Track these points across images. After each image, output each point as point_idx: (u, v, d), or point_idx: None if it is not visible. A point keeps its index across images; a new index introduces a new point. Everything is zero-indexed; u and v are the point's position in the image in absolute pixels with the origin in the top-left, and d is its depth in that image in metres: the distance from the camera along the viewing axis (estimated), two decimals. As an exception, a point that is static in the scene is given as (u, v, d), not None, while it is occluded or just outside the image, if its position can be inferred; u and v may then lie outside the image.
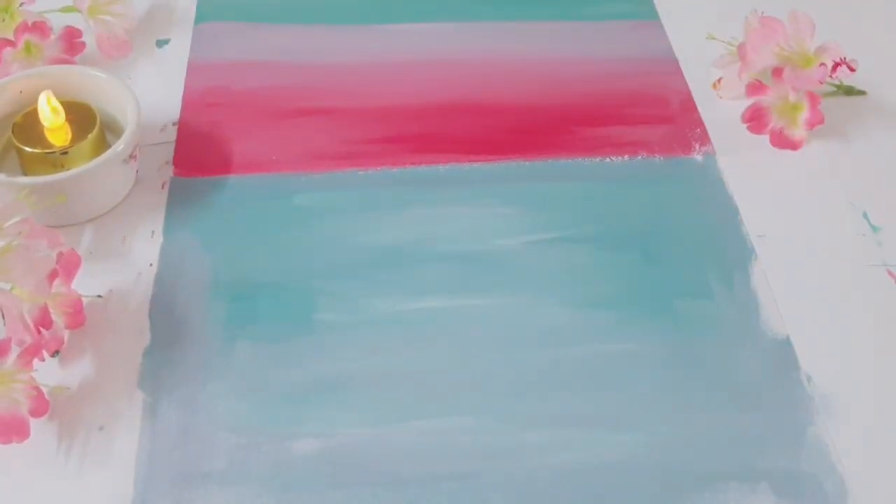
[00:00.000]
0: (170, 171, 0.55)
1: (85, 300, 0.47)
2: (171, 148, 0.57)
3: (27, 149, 0.52)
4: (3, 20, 0.60)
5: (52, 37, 0.59)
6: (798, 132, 0.58)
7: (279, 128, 0.58)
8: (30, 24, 0.58)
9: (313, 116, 0.59)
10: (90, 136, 0.52)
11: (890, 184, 0.56)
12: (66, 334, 0.47)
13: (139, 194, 0.54)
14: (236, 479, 0.42)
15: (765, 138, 0.58)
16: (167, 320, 0.48)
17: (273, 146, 0.57)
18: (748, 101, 0.59)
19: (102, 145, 0.53)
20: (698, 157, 0.57)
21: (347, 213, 0.53)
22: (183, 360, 0.46)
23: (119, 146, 0.51)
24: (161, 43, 0.64)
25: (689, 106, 0.60)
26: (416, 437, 0.44)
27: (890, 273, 0.52)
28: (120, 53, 0.62)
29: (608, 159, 0.57)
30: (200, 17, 0.66)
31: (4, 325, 0.43)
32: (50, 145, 0.52)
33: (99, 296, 0.49)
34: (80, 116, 0.53)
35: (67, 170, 0.51)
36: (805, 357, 0.48)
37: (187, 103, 0.59)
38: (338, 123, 0.59)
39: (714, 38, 0.61)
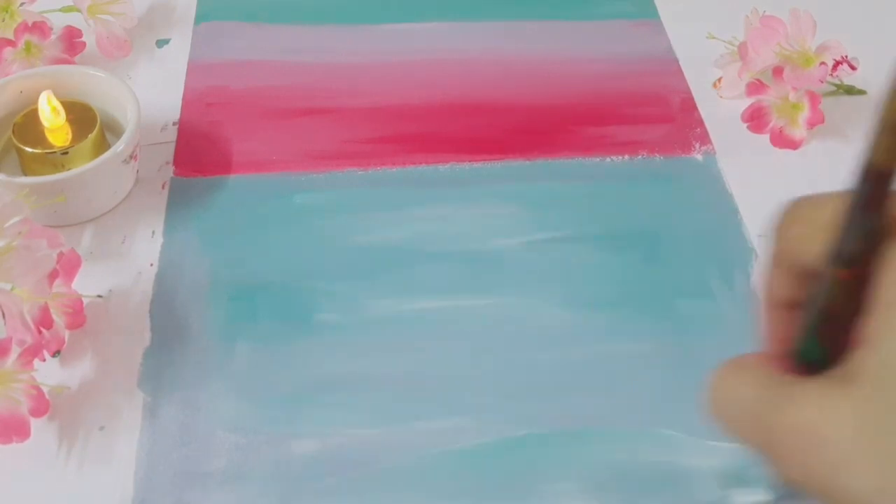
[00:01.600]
0: (170, 171, 0.55)
1: (85, 300, 0.47)
2: (171, 148, 0.57)
3: (27, 149, 0.52)
4: (3, 20, 0.60)
5: (52, 37, 0.59)
6: (798, 131, 0.58)
7: (279, 128, 0.58)
8: (30, 23, 0.58)
9: (313, 116, 0.59)
10: (90, 137, 0.52)
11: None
12: (66, 334, 0.47)
13: (139, 194, 0.54)
14: (236, 479, 0.42)
15: (765, 138, 0.58)
16: (167, 320, 0.48)
17: (273, 146, 0.57)
18: (748, 101, 0.59)
19: (102, 145, 0.53)
20: (698, 157, 0.57)
21: (347, 213, 0.53)
22: (183, 360, 0.46)
23: (119, 146, 0.51)
24: (161, 43, 0.64)
25: (689, 105, 0.60)
26: (416, 437, 0.44)
27: (890, 273, 0.51)
28: (120, 53, 0.62)
29: (608, 159, 0.57)
30: (200, 17, 0.66)
31: (5, 324, 0.43)
32: (50, 145, 0.52)
33: (99, 296, 0.49)
34: (80, 116, 0.53)
35: (67, 170, 0.51)
36: (805, 357, 0.47)
37: (187, 103, 0.59)
38: (338, 123, 0.59)
39: (714, 38, 0.61)
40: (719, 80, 0.61)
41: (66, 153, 0.52)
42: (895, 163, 0.26)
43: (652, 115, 0.60)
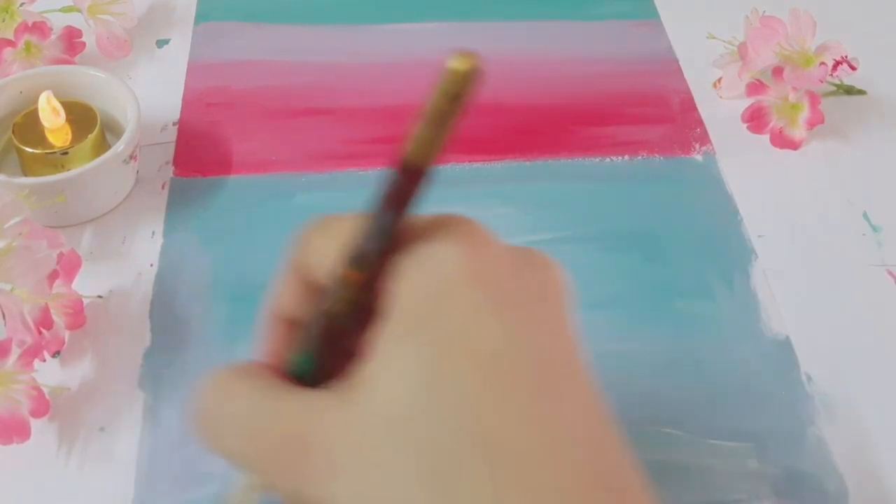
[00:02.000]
0: (170, 171, 0.55)
1: (85, 301, 0.47)
2: (171, 148, 0.57)
3: (27, 149, 0.52)
4: (3, 20, 0.60)
5: (52, 37, 0.59)
6: (798, 132, 0.58)
7: (279, 128, 0.58)
8: (30, 24, 0.58)
9: (313, 116, 0.59)
10: (90, 137, 0.52)
11: (890, 184, 0.56)
12: (66, 335, 0.47)
13: (139, 194, 0.54)
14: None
15: (765, 138, 0.58)
16: (168, 321, 0.48)
17: (273, 146, 0.57)
18: (748, 101, 0.59)
19: (102, 145, 0.53)
20: (698, 157, 0.57)
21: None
22: (183, 361, 0.46)
23: (119, 146, 0.51)
24: (161, 43, 0.64)
25: (689, 106, 0.60)
26: (417, 437, 0.44)
27: (890, 273, 0.52)
28: (120, 53, 0.62)
29: (608, 159, 0.57)
30: (200, 17, 0.66)
31: (5, 325, 0.43)
32: (50, 146, 0.52)
33: (99, 296, 0.49)
34: (80, 116, 0.53)
35: (67, 170, 0.51)
36: (805, 357, 0.48)
37: (187, 103, 0.59)
38: (338, 123, 0.59)
39: (714, 38, 0.61)
40: (719, 80, 0.61)
41: (66, 153, 0.52)
42: (429, 160, 0.25)
43: (652, 115, 0.60)
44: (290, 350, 0.28)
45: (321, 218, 0.29)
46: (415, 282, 0.25)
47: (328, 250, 0.27)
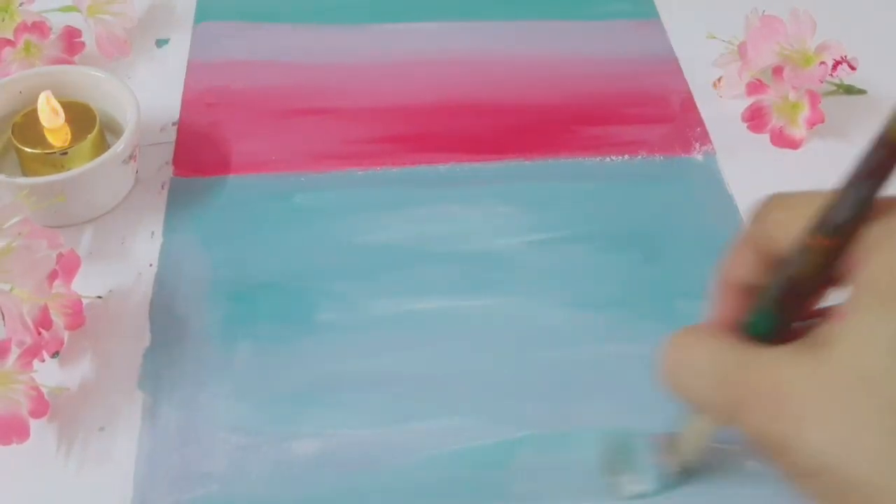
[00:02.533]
0: (170, 171, 0.55)
1: (85, 301, 0.47)
2: (171, 148, 0.57)
3: (27, 149, 0.52)
4: (3, 20, 0.60)
5: (52, 37, 0.59)
6: (798, 131, 0.58)
7: (279, 128, 0.58)
8: (29, 23, 0.58)
9: (313, 116, 0.59)
10: (90, 137, 0.52)
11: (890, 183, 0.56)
12: (65, 335, 0.47)
13: (139, 194, 0.54)
14: (236, 480, 0.42)
15: (765, 137, 0.58)
16: (167, 321, 0.48)
17: (273, 146, 0.57)
18: (748, 100, 0.59)
19: (102, 146, 0.53)
20: (698, 157, 0.57)
21: (347, 213, 0.53)
22: (183, 361, 0.46)
23: (119, 146, 0.51)
24: (161, 43, 0.64)
25: (689, 105, 0.60)
26: (417, 437, 0.44)
27: (890, 272, 0.51)
28: (120, 53, 0.62)
29: (608, 159, 0.57)
30: (200, 17, 0.66)
31: (4, 325, 0.43)
32: (50, 146, 0.52)
33: (99, 296, 0.49)
34: (80, 117, 0.53)
35: (67, 170, 0.51)
36: (805, 357, 0.47)
37: (187, 103, 0.59)
38: (338, 123, 0.59)
39: (714, 37, 0.61)
40: (719, 79, 0.61)
41: (66, 153, 0.52)
42: None
43: (652, 115, 0.60)
44: (743, 313, 0.32)
45: (775, 196, 0.32)
46: (888, 253, 0.27)
47: (789, 222, 0.30)
